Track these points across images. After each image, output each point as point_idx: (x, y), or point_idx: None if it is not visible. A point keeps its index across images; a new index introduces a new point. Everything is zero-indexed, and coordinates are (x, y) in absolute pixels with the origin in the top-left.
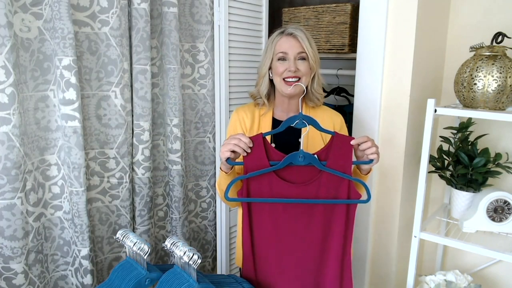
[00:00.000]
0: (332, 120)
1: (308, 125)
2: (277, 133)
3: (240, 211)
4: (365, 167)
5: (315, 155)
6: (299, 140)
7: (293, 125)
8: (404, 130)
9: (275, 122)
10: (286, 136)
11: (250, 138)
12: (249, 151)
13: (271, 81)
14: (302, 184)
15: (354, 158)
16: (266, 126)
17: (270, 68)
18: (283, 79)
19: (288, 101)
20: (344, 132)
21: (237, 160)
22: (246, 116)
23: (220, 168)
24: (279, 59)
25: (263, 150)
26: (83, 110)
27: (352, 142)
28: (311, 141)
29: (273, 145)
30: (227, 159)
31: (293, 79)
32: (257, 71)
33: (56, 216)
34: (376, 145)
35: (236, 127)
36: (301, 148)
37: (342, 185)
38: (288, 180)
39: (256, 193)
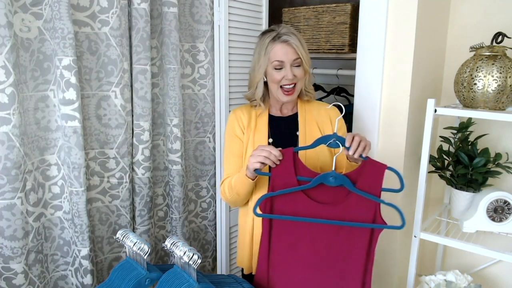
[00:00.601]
0: (328, 115)
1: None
2: (274, 127)
3: (240, 211)
4: (358, 160)
5: (346, 177)
6: (297, 133)
7: (326, 144)
8: (404, 130)
9: (271, 118)
10: (283, 130)
11: (281, 151)
12: (278, 163)
13: (265, 83)
14: (329, 204)
15: (384, 185)
16: (263, 126)
17: (265, 73)
18: (280, 86)
19: (282, 103)
20: (343, 125)
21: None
22: (243, 115)
23: (246, 175)
24: (275, 68)
25: (292, 164)
26: (83, 110)
27: (350, 153)
28: (309, 133)
29: (270, 140)
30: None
31: (290, 86)
32: (251, 73)
33: (56, 216)
34: (361, 137)
35: (234, 127)
36: (333, 169)
37: (370, 210)
38: (315, 198)
39: (280, 207)
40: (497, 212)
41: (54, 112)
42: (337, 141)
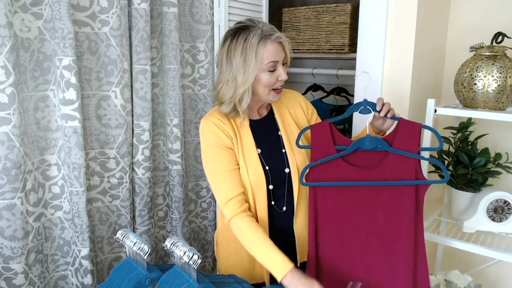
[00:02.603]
0: (298, 102)
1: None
2: (258, 134)
3: (224, 228)
4: (387, 125)
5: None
6: (279, 133)
7: (358, 111)
8: None
9: (252, 124)
10: (266, 135)
11: (317, 124)
12: None
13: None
14: (369, 168)
15: (422, 145)
16: (248, 137)
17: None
18: (272, 89)
19: (262, 103)
20: (311, 107)
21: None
22: (224, 124)
23: (280, 276)
24: (269, 70)
25: (330, 135)
26: (83, 110)
27: (382, 114)
28: (289, 129)
29: (259, 150)
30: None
31: (281, 87)
32: (226, 85)
33: (56, 216)
34: (387, 102)
35: (220, 138)
36: (368, 133)
37: (410, 169)
38: (355, 164)
39: (322, 177)
40: (497, 212)
41: (54, 112)
42: (368, 107)
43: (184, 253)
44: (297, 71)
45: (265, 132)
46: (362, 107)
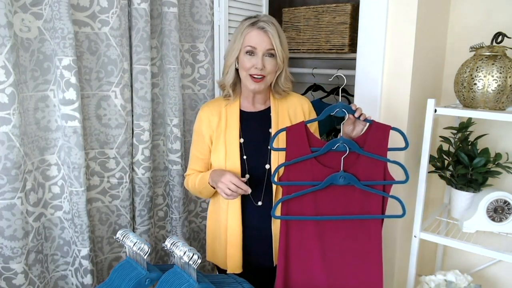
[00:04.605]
0: (301, 105)
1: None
2: (246, 125)
3: (211, 206)
4: (356, 132)
5: (354, 142)
6: (269, 130)
7: (332, 113)
8: (404, 130)
9: (242, 114)
10: (255, 128)
11: (292, 126)
12: (242, 188)
13: (237, 70)
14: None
15: (390, 145)
16: (234, 125)
17: (237, 59)
18: (249, 74)
19: (253, 94)
20: (313, 116)
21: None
22: (212, 114)
23: (209, 183)
24: (247, 52)
25: (305, 137)
26: (83, 110)
27: (356, 115)
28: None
29: (241, 140)
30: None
31: (259, 76)
32: (225, 58)
33: (56, 216)
34: (359, 107)
35: (201, 127)
36: (340, 135)
37: (379, 169)
38: (328, 165)
39: (296, 177)
40: (497, 212)
41: (54, 112)
42: (343, 109)
43: (184, 253)
44: (297, 71)
45: (255, 125)
46: (338, 109)
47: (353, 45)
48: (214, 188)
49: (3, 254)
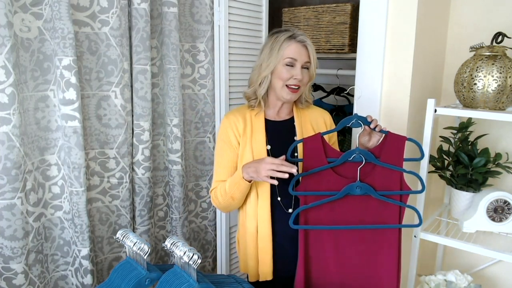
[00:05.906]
0: (322, 117)
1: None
2: (271, 133)
3: (241, 215)
4: (372, 143)
5: (370, 152)
6: (295, 138)
7: (349, 125)
8: (404, 130)
9: (268, 123)
10: (281, 136)
11: (309, 137)
12: (286, 176)
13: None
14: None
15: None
16: (259, 127)
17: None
18: (286, 85)
19: (281, 104)
20: (334, 134)
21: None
22: (238, 121)
23: (243, 177)
24: (286, 64)
25: (321, 148)
26: (83, 110)
27: (372, 126)
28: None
29: (268, 147)
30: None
31: (296, 87)
32: (255, 70)
33: (56, 216)
34: (375, 118)
35: (228, 134)
36: (356, 145)
37: (394, 179)
38: (344, 175)
39: (313, 187)
40: (497, 212)
41: (54, 112)
42: (359, 121)
43: (184, 253)
44: None
45: (280, 133)
46: (353, 121)
47: (353, 45)
48: (249, 182)
49: (3, 254)
